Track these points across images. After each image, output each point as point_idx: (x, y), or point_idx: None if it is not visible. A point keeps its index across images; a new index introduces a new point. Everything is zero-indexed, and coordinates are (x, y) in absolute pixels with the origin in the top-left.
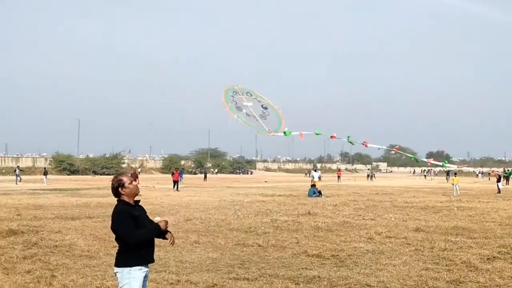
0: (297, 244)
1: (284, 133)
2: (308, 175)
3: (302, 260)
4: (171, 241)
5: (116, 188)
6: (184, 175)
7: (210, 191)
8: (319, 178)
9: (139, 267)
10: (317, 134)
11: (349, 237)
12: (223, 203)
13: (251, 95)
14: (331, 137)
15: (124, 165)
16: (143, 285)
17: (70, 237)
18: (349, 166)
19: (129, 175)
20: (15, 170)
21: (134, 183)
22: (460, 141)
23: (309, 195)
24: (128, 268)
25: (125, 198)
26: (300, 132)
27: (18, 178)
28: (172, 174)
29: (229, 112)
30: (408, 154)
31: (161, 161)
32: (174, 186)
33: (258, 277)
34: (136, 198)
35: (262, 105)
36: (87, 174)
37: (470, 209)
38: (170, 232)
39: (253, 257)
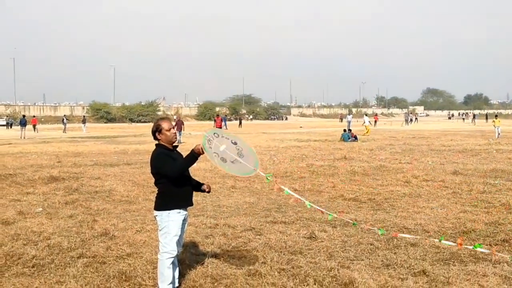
0: (333, 188)
1: (267, 178)
2: (342, 120)
3: (338, 204)
4: (208, 190)
5: (154, 132)
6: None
7: (246, 137)
8: (370, 122)
9: (178, 210)
10: (286, 193)
11: (386, 181)
12: (259, 149)
13: (218, 135)
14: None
15: (159, 113)
16: (181, 228)
17: (109, 183)
18: (385, 111)
19: (172, 121)
20: (62, 120)
21: (172, 130)
22: (499, 82)
23: (345, 140)
24: (167, 212)
25: (163, 143)
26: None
27: (65, 126)
28: (214, 121)
29: (220, 168)
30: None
31: (196, 108)
32: None
33: (295, 220)
34: (175, 144)
35: (231, 141)
36: (123, 122)
37: (509, 152)
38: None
39: (289, 201)
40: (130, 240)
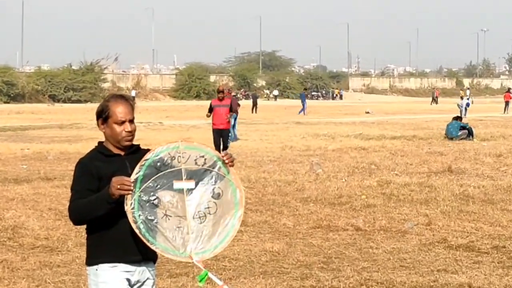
0: (428, 226)
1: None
2: (436, 101)
3: (437, 256)
4: (229, 162)
5: (98, 118)
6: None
7: (265, 131)
8: (468, 105)
9: (112, 264)
10: None
11: None
12: (289, 152)
13: (180, 159)
14: None
15: (106, 84)
16: None
17: (13, 215)
18: None
19: (129, 99)
20: None
21: (126, 126)
22: None
23: (449, 136)
24: (94, 267)
25: (108, 141)
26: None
27: None
28: (212, 108)
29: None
30: None
31: (173, 76)
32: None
33: (357, 286)
34: (136, 142)
35: (205, 181)
36: (39, 101)
37: None
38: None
39: (347, 250)
40: None
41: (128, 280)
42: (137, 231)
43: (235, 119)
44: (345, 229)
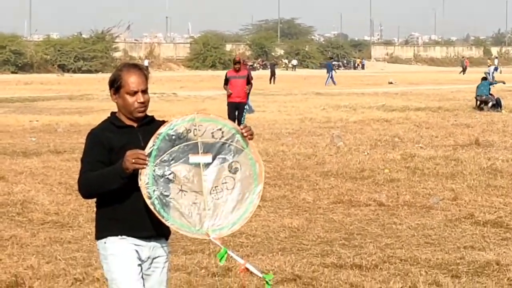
0: (454, 201)
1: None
2: (463, 71)
3: (463, 232)
4: (248, 135)
5: (110, 88)
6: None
7: (283, 102)
8: (496, 69)
9: (121, 236)
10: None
11: None
12: (309, 125)
13: (196, 132)
14: None
15: (117, 54)
16: (150, 270)
17: (22, 189)
18: None
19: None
20: None
21: (139, 96)
22: None
23: (480, 97)
24: (103, 240)
25: (120, 112)
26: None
27: None
28: (227, 80)
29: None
30: None
31: (188, 45)
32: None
33: (381, 262)
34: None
35: (223, 155)
36: (49, 71)
37: None
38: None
39: (370, 226)
40: None
41: (138, 253)
42: (151, 207)
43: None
44: (367, 204)
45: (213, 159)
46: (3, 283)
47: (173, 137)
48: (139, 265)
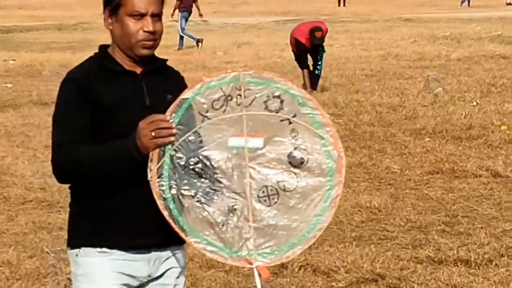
0: None
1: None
2: None
3: None
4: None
5: (104, 6)
6: None
7: (358, 32)
8: None
9: (101, 250)
10: None
11: None
12: (394, 64)
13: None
14: None
15: None
16: None
17: None
18: None
19: None
20: None
21: (146, 23)
22: None
23: None
24: (74, 252)
25: (116, 45)
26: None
27: None
28: None
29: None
30: None
31: None
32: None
33: (496, 258)
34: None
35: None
36: None
37: None
38: None
39: (480, 205)
40: None
41: (128, 275)
42: (164, 212)
43: (186, 19)
44: (477, 175)
45: (265, 143)
46: None
47: (205, 106)
48: None
